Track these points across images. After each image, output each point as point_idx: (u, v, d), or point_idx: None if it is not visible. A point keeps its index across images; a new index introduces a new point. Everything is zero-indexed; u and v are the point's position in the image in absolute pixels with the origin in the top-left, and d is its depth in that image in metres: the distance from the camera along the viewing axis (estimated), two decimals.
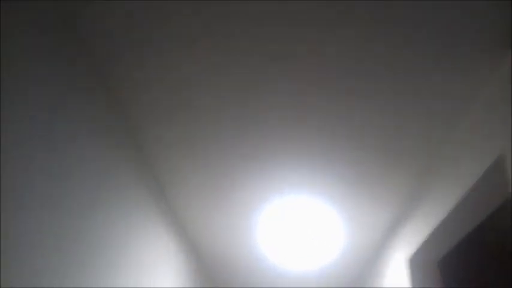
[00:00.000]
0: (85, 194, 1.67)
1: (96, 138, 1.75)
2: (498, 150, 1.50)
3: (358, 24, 1.44)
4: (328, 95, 1.78)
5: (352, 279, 4.21)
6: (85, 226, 1.67)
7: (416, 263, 2.60)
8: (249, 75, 1.71)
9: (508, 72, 1.45)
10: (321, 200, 2.69)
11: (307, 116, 1.93)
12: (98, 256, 1.80)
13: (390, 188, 2.48)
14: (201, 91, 1.82)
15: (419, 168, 2.25)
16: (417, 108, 1.81)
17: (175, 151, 2.29)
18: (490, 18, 1.36)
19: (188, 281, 3.44)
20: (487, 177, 1.65)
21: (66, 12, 1.49)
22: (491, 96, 1.59)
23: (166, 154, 2.34)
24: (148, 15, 1.49)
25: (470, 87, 1.64)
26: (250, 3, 1.42)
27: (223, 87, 1.79)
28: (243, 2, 1.41)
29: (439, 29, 1.42)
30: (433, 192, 2.20)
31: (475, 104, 1.73)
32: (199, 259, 3.84)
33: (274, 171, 2.41)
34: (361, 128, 1.98)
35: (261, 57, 1.61)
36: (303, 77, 1.71)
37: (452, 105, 1.76)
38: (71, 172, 1.54)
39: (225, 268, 4.18)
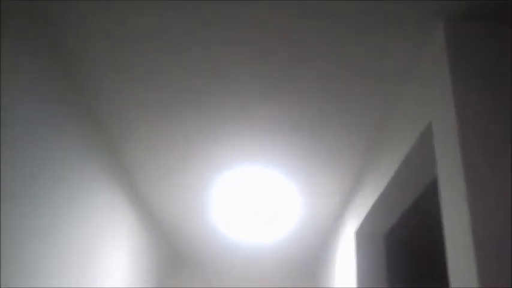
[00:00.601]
0: (32, 155, 1.61)
1: (48, 101, 1.68)
2: (428, 118, 1.50)
3: None
4: (274, 64, 1.75)
5: (306, 251, 4.26)
6: (36, 190, 1.62)
7: (362, 235, 2.62)
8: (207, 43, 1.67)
9: (441, 42, 1.44)
10: (277, 171, 2.68)
11: (260, 87, 1.91)
12: (50, 223, 1.71)
13: (342, 159, 2.47)
14: (155, 51, 1.76)
15: (367, 139, 2.25)
16: (361, 81, 1.79)
17: (132, 122, 2.23)
18: None
19: (144, 252, 3.44)
20: (419, 147, 1.66)
21: None
22: (426, 65, 1.58)
23: (122, 125, 2.28)
24: None
25: (409, 54, 1.62)
26: None
27: (177, 50, 1.75)
28: None
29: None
30: (379, 163, 2.21)
31: (412, 74, 1.72)
32: (156, 231, 3.83)
33: (229, 142, 2.37)
34: (312, 97, 1.96)
35: (213, 29, 1.56)
36: (251, 48, 1.68)
37: (392, 76, 1.74)
38: (18, 132, 1.47)
39: (182, 240, 4.19)
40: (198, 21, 1.59)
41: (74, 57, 1.84)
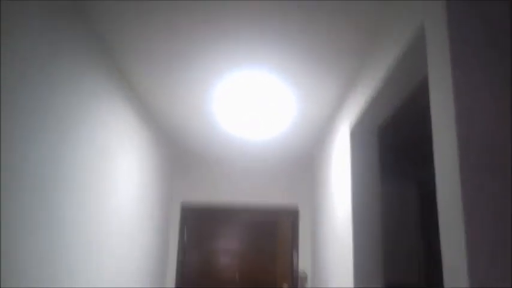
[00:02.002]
0: (35, 67, 1.60)
1: (47, 12, 1.67)
2: (421, 18, 1.56)
3: None
4: None
5: (304, 145, 4.49)
6: (40, 102, 1.62)
7: (357, 132, 2.78)
8: None
9: None
10: (275, 73, 2.75)
11: None
12: (56, 131, 1.79)
13: (338, 58, 2.53)
14: None
15: (362, 39, 2.30)
16: None
17: (133, 27, 2.23)
18: None
19: (151, 152, 3.62)
20: (412, 47, 1.72)
21: None
22: None
23: (122, 31, 2.28)
24: None
25: None
26: None
27: None
28: None
29: None
30: (373, 61, 2.28)
31: None
32: (160, 132, 3.99)
33: (229, 46, 2.40)
34: (312, 6, 1.97)
35: None
36: None
37: None
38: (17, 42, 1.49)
39: (185, 138, 4.37)
40: None
41: None
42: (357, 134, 2.77)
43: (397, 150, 3.87)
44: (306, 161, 5.03)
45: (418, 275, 4.12)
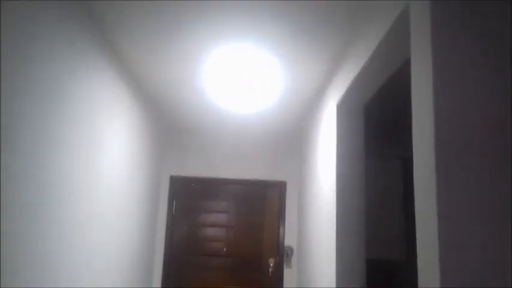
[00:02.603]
0: (25, 41, 1.61)
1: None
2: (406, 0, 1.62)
3: None
4: None
5: (291, 123, 4.56)
6: (29, 76, 1.66)
7: (343, 108, 2.85)
8: None
9: None
10: (263, 47, 2.79)
11: None
12: (48, 108, 1.83)
13: (325, 35, 2.58)
14: None
15: (350, 16, 2.35)
16: None
17: (121, 2, 2.26)
18: None
19: (141, 126, 3.66)
20: (397, 26, 1.79)
21: None
22: None
23: (112, 5, 2.30)
24: None
25: None
26: None
27: None
28: None
29: None
30: (359, 39, 2.34)
31: None
32: (150, 105, 4.02)
33: (219, 19, 2.43)
34: None
35: None
36: None
37: None
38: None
39: (175, 111, 4.41)
40: None
41: None
42: (343, 110, 2.84)
43: (382, 127, 3.97)
44: (294, 135, 5.11)
45: (400, 249, 4.27)
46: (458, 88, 1.30)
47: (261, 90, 3.59)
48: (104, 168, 2.87)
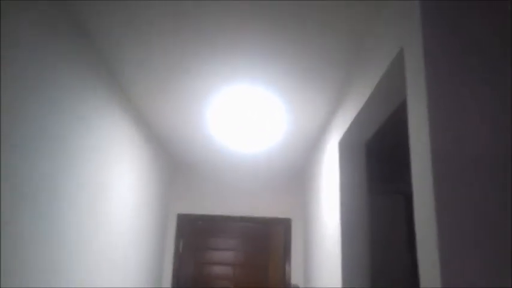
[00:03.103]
0: (33, 80, 1.69)
1: (43, 24, 1.72)
2: (400, 43, 1.70)
3: None
4: None
5: (295, 160, 4.62)
6: (44, 119, 1.73)
7: (345, 145, 2.91)
8: None
9: None
10: (267, 88, 2.89)
11: (251, 7, 2.03)
12: (59, 147, 1.89)
13: (325, 76, 2.68)
14: None
15: (348, 60, 2.45)
16: (342, 6, 1.94)
17: (130, 41, 2.35)
18: None
19: (146, 163, 3.73)
20: (394, 68, 1.87)
21: None
22: None
23: (123, 46, 2.41)
24: None
25: None
26: None
27: None
28: None
29: None
30: (359, 79, 2.42)
31: (387, 5, 1.88)
32: (156, 143, 4.10)
33: (225, 62, 2.54)
34: (303, 23, 2.12)
35: None
36: None
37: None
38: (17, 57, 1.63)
39: (180, 149, 4.48)
40: None
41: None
42: (345, 148, 2.90)
43: (384, 163, 4.01)
44: (298, 173, 5.16)
45: (406, 284, 4.22)
46: (453, 124, 1.36)
47: (266, 129, 3.67)
48: (112, 208, 2.91)
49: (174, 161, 4.90)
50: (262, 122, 3.50)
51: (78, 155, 2.33)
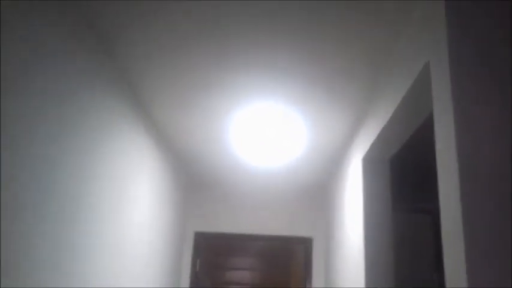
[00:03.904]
0: (54, 94, 1.70)
1: (63, 38, 1.78)
2: (427, 56, 1.66)
3: None
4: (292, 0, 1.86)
5: (316, 177, 4.54)
6: (61, 133, 1.74)
7: (369, 161, 2.85)
8: None
9: None
10: (288, 104, 2.87)
11: (270, 20, 2.02)
12: (75, 161, 1.90)
13: (349, 93, 2.64)
14: None
15: (372, 76, 2.41)
16: (364, 22, 1.91)
17: (152, 57, 2.37)
18: None
19: (165, 179, 3.73)
20: (419, 82, 1.82)
21: None
22: (424, 10, 1.69)
23: (143, 64, 2.44)
24: None
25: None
26: None
27: None
28: None
29: None
30: (383, 95, 2.38)
31: (412, 20, 1.84)
32: (174, 159, 4.11)
33: (247, 79, 2.54)
34: (324, 40, 2.09)
35: None
36: None
37: (393, 17, 1.86)
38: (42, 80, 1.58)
39: (197, 166, 4.47)
40: None
41: (104, 15, 1.97)
42: (369, 164, 2.84)
43: (410, 181, 3.91)
44: (320, 191, 5.08)
45: None
46: (481, 139, 1.30)
47: (286, 146, 3.63)
48: (128, 225, 2.91)
49: (192, 178, 4.89)
50: (283, 138, 3.46)
51: (97, 170, 2.34)
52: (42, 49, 1.71)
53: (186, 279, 4.80)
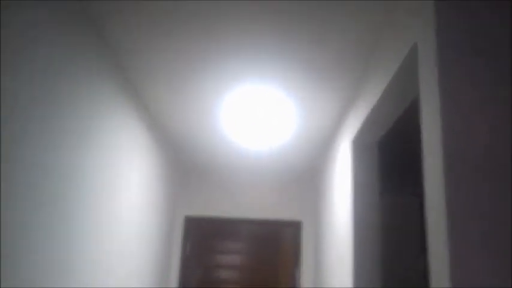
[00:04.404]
0: (44, 79, 1.65)
1: (57, 23, 1.73)
2: (414, 39, 1.63)
3: None
4: None
5: (306, 160, 4.54)
6: (58, 117, 1.70)
7: (358, 144, 2.84)
8: None
9: None
10: (278, 87, 2.84)
11: (260, 6, 1.99)
12: (74, 143, 1.85)
13: (338, 75, 2.61)
14: None
15: (362, 58, 2.38)
16: (353, 4, 1.89)
17: (141, 41, 2.33)
18: None
19: (157, 164, 3.70)
20: (407, 65, 1.80)
21: None
22: None
23: (134, 47, 2.39)
24: None
25: None
26: None
27: None
28: None
29: None
30: (371, 78, 2.35)
31: (401, 3, 1.81)
32: (166, 143, 4.07)
33: (237, 61, 2.50)
34: (315, 23, 2.06)
35: None
36: None
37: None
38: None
39: (188, 150, 4.44)
40: None
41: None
42: (358, 147, 2.82)
43: (398, 164, 3.92)
44: (309, 173, 5.08)
45: (419, 287, 4.11)
46: (466, 123, 1.28)
47: (276, 129, 3.61)
48: (119, 208, 2.88)
49: (183, 162, 4.86)
50: (273, 121, 3.44)
51: (87, 153, 2.30)
52: (30, 29, 1.65)
53: (176, 263, 4.82)
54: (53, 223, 1.97)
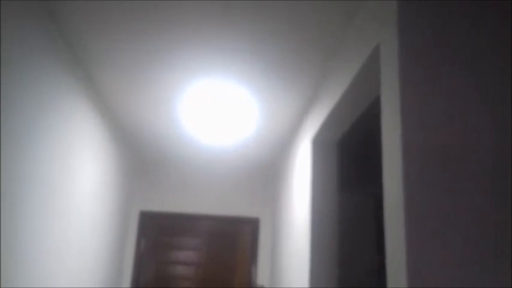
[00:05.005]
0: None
1: (15, 15, 1.67)
2: (377, 40, 1.66)
3: None
4: None
5: (265, 158, 4.55)
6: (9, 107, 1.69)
7: (318, 143, 2.87)
8: None
9: None
10: (239, 84, 2.82)
11: (229, 4, 1.96)
12: (25, 137, 1.90)
13: (299, 73, 2.62)
14: None
15: (324, 57, 2.40)
16: (316, 3, 1.89)
17: (97, 29, 2.25)
18: None
19: (113, 159, 3.60)
20: (369, 65, 1.82)
21: None
22: None
23: (88, 34, 2.30)
24: None
25: None
26: None
27: None
28: None
29: None
30: (333, 77, 2.38)
31: (364, 3, 1.83)
32: (123, 138, 3.97)
33: (197, 55, 2.46)
34: (277, 20, 2.05)
35: None
36: None
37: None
38: None
39: (144, 144, 4.35)
40: None
41: None
42: (318, 146, 2.85)
43: (357, 163, 3.99)
44: (268, 171, 5.10)
45: (373, 284, 4.21)
46: (426, 125, 1.31)
47: (236, 125, 3.59)
48: (71, 202, 2.78)
49: (139, 155, 4.75)
50: (232, 117, 3.42)
51: (35, 142, 2.20)
52: None
53: (129, 260, 4.70)
54: (4, 209, 1.87)
